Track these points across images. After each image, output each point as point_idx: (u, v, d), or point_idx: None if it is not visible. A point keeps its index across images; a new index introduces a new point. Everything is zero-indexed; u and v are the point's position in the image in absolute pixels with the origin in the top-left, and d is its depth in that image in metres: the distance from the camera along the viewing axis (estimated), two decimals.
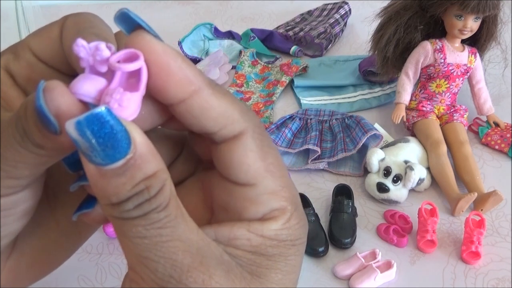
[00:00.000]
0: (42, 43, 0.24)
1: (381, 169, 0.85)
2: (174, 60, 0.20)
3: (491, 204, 0.81)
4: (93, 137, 0.18)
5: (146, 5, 1.43)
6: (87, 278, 0.73)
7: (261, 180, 0.22)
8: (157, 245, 0.20)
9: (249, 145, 0.22)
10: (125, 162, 0.19)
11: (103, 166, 0.18)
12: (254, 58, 1.18)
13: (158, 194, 0.19)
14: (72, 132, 0.18)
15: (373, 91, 1.09)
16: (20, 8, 1.33)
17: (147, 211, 0.19)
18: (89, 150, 0.18)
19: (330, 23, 1.25)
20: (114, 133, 0.18)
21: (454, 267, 0.75)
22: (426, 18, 0.93)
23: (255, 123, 0.22)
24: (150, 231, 0.20)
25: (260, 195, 0.22)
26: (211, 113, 0.21)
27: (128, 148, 0.19)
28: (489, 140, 0.95)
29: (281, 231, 0.22)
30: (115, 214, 0.20)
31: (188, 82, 0.20)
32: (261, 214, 0.22)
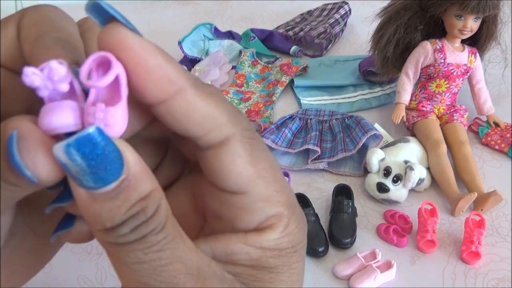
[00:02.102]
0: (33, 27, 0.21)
1: (381, 169, 0.85)
2: (153, 57, 0.18)
3: (491, 204, 0.81)
4: (84, 160, 0.16)
5: (146, 5, 1.43)
6: (87, 278, 0.73)
7: (253, 187, 0.20)
8: (156, 270, 0.18)
9: (238, 151, 0.20)
10: (118, 184, 0.17)
11: (95, 190, 0.17)
12: (254, 58, 1.18)
13: (154, 215, 0.18)
14: (61, 157, 0.16)
15: (373, 91, 1.09)
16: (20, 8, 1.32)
17: (144, 233, 0.18)
18: (79, 174, 0.17)
19: (330, 23, 1.25)
20: (106, 154, 0.17)
21: (454, 267, 0.75)
22: (426, 18, 0.93)
23: (244, 126, 0.20)
24: (148, 255, 0.18)
25: (253, 203, 0.21)
26: (195, 116, 0.19)
27: (121, 169, 0.17)
28: (489, 140, 0.95)
29: (281, 239, 0.21)
30: (109, 240, 0.18)
31: (168, 81, 0.18)
32: (257, 223, 0.21)
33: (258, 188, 0.20)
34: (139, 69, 0.18)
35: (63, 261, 0.74)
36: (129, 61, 0.17)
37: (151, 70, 0.18)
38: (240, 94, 1.11)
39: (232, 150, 0.20)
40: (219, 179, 0.20)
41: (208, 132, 0.19)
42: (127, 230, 0.18)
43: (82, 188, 0.17)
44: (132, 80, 0.18)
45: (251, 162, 0.20)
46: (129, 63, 0.17)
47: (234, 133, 0.20)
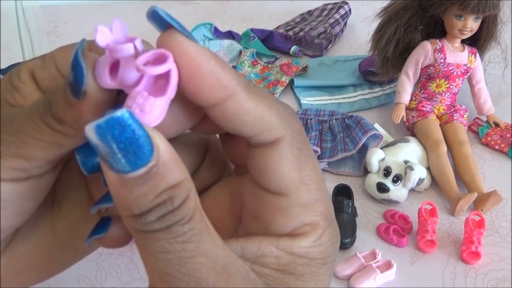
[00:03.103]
0: (66, 58, 0.23)
1: (381, 169, 0.85)
2: (207, 63, 0.19)
3: (491, 204, 0.81)
4: (114, 141, 0.17)
5: (146, 5, 1.43)
6: (87, 278, 0.73)
7: (294, 192, 0.21)
8: (181, 261, 0.18)
9: (285, 154, 0.21)
10: (147, 170, 0.17)
11: (124, 173, 0.17)
12: (254, 58, 1.18)
13: (182, 206, 0.18)
14: (92, 136, 0.17)
15: (373, 91, 1.09)
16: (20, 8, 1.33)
17: (170, 223, 0.18)
18: (109, 156, 0.17)
19: (330, 23, 1.25)
20: (136, 138, 0.17)
21: (454, 267, 0.75)
22: (426, 18, 0.93)
23: (295, 130, 0.21)
24: (173, 246, 0.18)
25: (292, 207, 0.21)
26: (247, 118, 0.20)
27: (150, 155, 0.17)
28: (489, 140, 0.95)
29: (312, 248, 0.21)
30: (137, 227, 0.18)
31: (221, 86, 0.19)
32: (291, 228, 0.21)
33: (299, 193, 0.21)
34: (193, 74, 0.18)
35: None
36: (184, 66, 0.18)
37: (205, 75, 0.18)
38: None
39: (280, 152, 0.21)
40: (263, 178, 0.21)
41: (259, 133, 0.20)
42: (153, 218, 0.18)
43: (112, 172, 0.18)
44: (187, 85, 0.19)
45: (296, 167, 0.21)
46: (184, 68, 0.18)
47: (284, 135, 0.20)
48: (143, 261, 0.19)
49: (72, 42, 0.26)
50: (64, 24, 1.33)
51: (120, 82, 0.18)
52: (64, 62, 0.23)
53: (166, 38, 0.19)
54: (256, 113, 0.20)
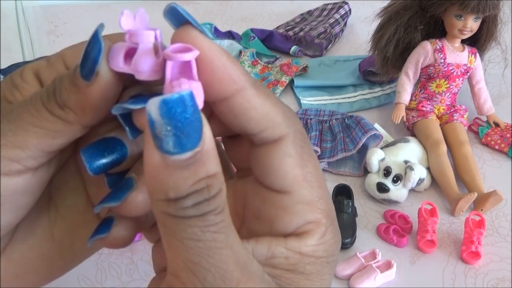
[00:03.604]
0: (76, 56, 0.23)
1: (381, 169, 0.85)
2: (219, 58, 0.19)
3: (491, 204, 0.81)
4: (174, 119, 0.17)
5: (146, 5, 1.43)
6: (87, 278, 0.73)
7: (297, 189, 0.21)
8: (210, 251, 0.18)
9: (289, 151, 0.21)
10: (192, 154, 0.18)
11: (171, 155, 0.17)
12: (254, 58, 1.18)
13: (217, 196, 0.19)
14: (153, 111, 0.17)
15: (373, 91, 1.09)
16: (20, 8, 1.33)
17: (205, 211, 0.18)
18: (163, 135, 0.17)
19: (330, 23, 1.25)
20: (192, 120, 0.17)
21: (454, 267, 0.75)
22: (426, 18, 0.93)
23: (298, 129, 0.22)
24: (205, 234, 0.18)
25: (295, 204, 0.21)
26: (253, 113, 0.20)
27: (198, 140, 0.18)
28: (489, 140, 0.95)
29: (318, 246, 0.21)
30: (169, 211, 0.18)
31: (231, 80, 0.20)
32: (295, 226, 0.21)
33: (302, 190, 0.21)
34: (206, 68, 0.19)
35: None
36: (202, 61, 0.19)
37: (216, 69, 0.19)
38: None
39: (284, 149, 0.21)
40: (267, 176, 0.22)
41: (264, 129, 0.21)
42: (189, 204, 0.18)
43: (158, 152, 0.18)
44: (201, 78, 0.19)
45: (299, 164, 0.21)
46: (201, 62, 0.19)
47: (287, 133, 0.21)
48: (168, 248, 0.19)
49: (72, 42, 0.26)
50: (64, 24, 1.33)
51: (134, 67, 0.19)
52: (74, 59, 0.23)
53: (182, 32, 0.20)
54: (262, 110, 0.20)
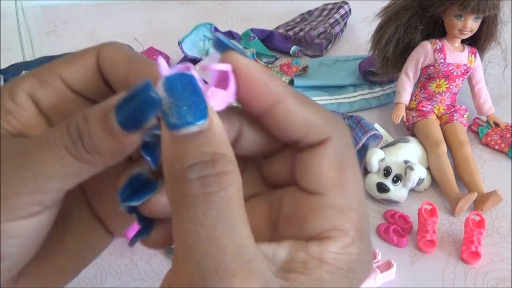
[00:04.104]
0: (75, 72, 0.24)
1: (381, 169, 0.85)
2: (257, 73, 0.21)
3: (491, 204, 0.81)
4: (175, 92, 0.19)
5: (146, 5, 1.43)
6: (87, 278, 0.73)
7: (330, 192, 0.22)
8: (208, 238, 0.19)
9: (328, 153, 0.22)
10: (198, 129, 0.19)
11: (178, 128, 0.19)
12: (254, 58, 1.18)
13: (223, 175, 0.19)
14: (160, 90, 0.19)
15: (373, 91, 1.09)
16: (20, 8, 1.32)
17: (209, 190, 0.19)
18: (168, 108, 0.19)
19: (330, 23, 1.25)
20: (193, 97, 0.19)
21: (454, 267, 0.75)
22: (426, 18, 0.93)
23: (342, 134, 0.22)
24: (207, 219, 0.19)
25: (325, 207, 0.21)
26: (295, 121, 0.21)
27: (203, 118, 0.19)
28: (489, 140, 0.95)
29: (339, 255, 0.21)
30: (176, 187, 0.19)
31: (269, 92, 0.21)
32: (321, 229, 0.21)
33: (335, 195, 0.22)
34: (245, 82, 0.21)
35: None
36: (239, 75, 0.21)
37: (256, 83, 0.21)
38: None
39: (323, 151, 0.22)
40: (303, 176, 0.22)
41: (306, 135, 0.22)
42: (194, 176, 0.19)
43: (167, 131, 0.19)
44: (242, 93, 0.22)
45: (337, 168, 0.22)
46: (240, 78, 0.21)
47: (330, 137, 0.22)
48: (174, 231, 0.20)
49: (72, 42, 0.26)
50: (64, 24, 1.33)
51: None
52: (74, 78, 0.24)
53: (227, 56, 0.22)
54: (303, 117, 0.21)
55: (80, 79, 0.24)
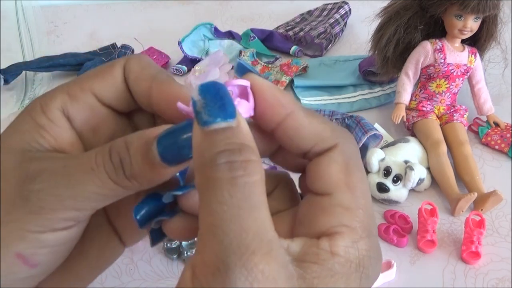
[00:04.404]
0: (106, 86, 0.26)
1: (381, 169, 0.85)
2: (270, 89, 0.24)
3: (491, 204, 0.81)
4: (208, 95, 0.22)
5: (146, 5, 1.43)
6: None
7: (338, 192, 0.23)
8: (233, 218, 0.20)
9: (336, 157, 0.24)
10: (226, 125, 0.21)
11: (209, 124, 0.21)
12: (254, 58, 1.18)
13: (249, 163, 0.21)
14: (195, 94, 0.22)
15: (373, 91, 1.09)
16: (20, 8, 1.32)
17: (236, 174, 0.20)
18: (200, 108, 0.22)
19: (330, 23, 1.25)
20: (223, 99, 0.22)
21: (454, 267, 0.75)
22: (426, 18, 0.93)
23: (348, 142, 0.24)
24: (232, 199, 0.20)
25: (334, 206, 0.23)
26: (304, 132, 0.24)
27: (231, 117, 0.22)
28: (489, 140, 0.95)
29: (349, 249, 0.22)
30: (205, 171, 0.21)
31: (281, 106, 0.24)
32: (328, 225, 0.23)
33: (342, 195, 0.23)
34: (260, 97, 0.24)
35: None
36: (257, 91, 0.24)
37: (268, 97, 0.24)
38: None
39: (331, 156, 0.24)
40: (313, 180, 0.24)
41: (315, 144, 0.24)
42: (222, 160, 0.21)
43: (199, 128, 0.21)
44: (257, 109, 0.24)
45: (345, 171, 0.24)
46: (257, 93, 0.24)
47: (336, 144, 0.24)
48: (200, 213, 0.21)
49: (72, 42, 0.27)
50: (64, 24, 1.32)
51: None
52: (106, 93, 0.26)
53: (247, 75, 0.25)
54: (312, 127, 0.24)
55: (110, 93, 0.26)
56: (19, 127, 0.24)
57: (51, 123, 0.24)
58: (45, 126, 0.24)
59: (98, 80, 0.26)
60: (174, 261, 0.75)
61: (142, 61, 0.27)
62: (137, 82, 0.26)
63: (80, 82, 0.25)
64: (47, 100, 0.25)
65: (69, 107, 0.25)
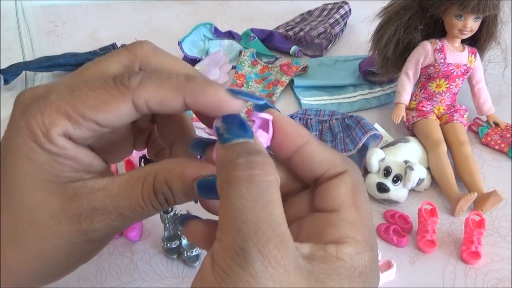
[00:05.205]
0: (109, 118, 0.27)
1: (381, 169, 0.85)
2: (289, 121, 0.28)
3: (491, 204, 0.81)
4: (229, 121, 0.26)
5: (146, 5, 1.43)
6: (87, 278, 0.73)
7: (345, 209, 0.26)
8: (250, 209, 0.22)
9: (345, 180, 0.27)
10: (243, 141, 0.25)
11: (230, 141, 0.25)
12: (254, 58, 1.18)
13: (265, 163, 0.24)
14: (218, 123, 0.26)
15: (373, 91, 1.09)
16: (20, 8, 1.32)
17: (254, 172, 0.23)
18: (223, 131, 0.26)
19: (330, 23, 1.25)
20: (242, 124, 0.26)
21: (454, 267, 0.75)
22: (426, 18, 0.93)
23: (356, 170, 0.28)
24: (250, 194, 0.23)
25: (340, 220, 0.26)
26: (318, 158, 0.27)
27: (250, 136, 0.25)
28: (489, 140, 0.95)
29: (353, 257, 0.25)
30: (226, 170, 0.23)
31: (299, 136, 0.27)
32: (336, 237, 0.25)
33: (348, 211, 0.26)
34: (281, 129, 0.28)
35: None
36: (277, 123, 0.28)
37: (288, 129, 0.28)
38: None
39: (341, 179, 0.27)
40: (323, 200, 0.27)
41: (327, 169, 0.27)
42: (241, 160, 0.23)
43: (221, 146, 0.25)
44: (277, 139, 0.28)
45: (351, 193, 0.26)
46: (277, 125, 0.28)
47: (346, 170, 0.27)
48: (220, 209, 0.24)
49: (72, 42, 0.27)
50: (64, 24, 1.33)
51: None
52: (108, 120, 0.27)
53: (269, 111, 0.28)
54: (324, 155, 0.27)
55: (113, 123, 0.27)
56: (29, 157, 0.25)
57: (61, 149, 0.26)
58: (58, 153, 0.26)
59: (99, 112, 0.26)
60: (174, 261, 0.75)
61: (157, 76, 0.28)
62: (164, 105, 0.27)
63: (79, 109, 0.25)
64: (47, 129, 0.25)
65: (72, 133, 0.26)
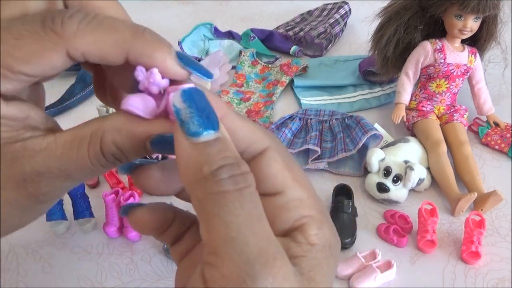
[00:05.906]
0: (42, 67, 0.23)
1: (381, 169, 0.85)
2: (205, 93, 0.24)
3: (491, 204, 0.81)
4: (194, 102, 0.21)
5: (146, 5, 1.43)
6: (87, 278, 0.73)
7: (289, 188, 0.24)
8: (248, 227, 0.20)
9: (275, 157, 0.24)
10: (216, 136, 0.21)
11: (198, 135, 0.21)
12: (254, 58, 1.18)
13: (248, 174, 0.21)
14: (177, 101, 0.21)
15: (373, 91, 1.09)
16: None
17: (241, 186, 0.21)
18: (187, 117, 0.21)
19: (330, 23, 1.25)
20: (210, 107, 0.22)
21: (454, 267, 0.75)
22: (426, 18, 0.93)
23: (277, 141, 0.25)
24: (244, 209, 0.20)
25: (290, 201, 0.24)
26: (239, 132, 0.24)
27: (217, 125, 0.21)
28: (489, 140, 0.95)
29: (319, 236, 0.24)
30: (209, 187, 0.20)
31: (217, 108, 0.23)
32: (292, 220, 0.24)
33: (293, 189, 0.24)
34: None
35: (63, 261, 0.75)
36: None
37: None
38: (240, 94, 1.11)
39: (270, 156, 0.24)
40: (260, 183, 0.24)
41: (250, 144, 0.24)
42: (225, 175, 0.21)
43: (186, 138, 0.21)
44: None
45: (286, 167, 0.25)
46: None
47: (270, 144, 0.25)
48: (207, 227, 0.21)
49: None
50: None
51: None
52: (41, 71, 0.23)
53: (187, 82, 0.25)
54: (246, 128, 0.24)
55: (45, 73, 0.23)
56: None
57: None
58: None
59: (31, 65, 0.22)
60: (174, 261, 0.75)
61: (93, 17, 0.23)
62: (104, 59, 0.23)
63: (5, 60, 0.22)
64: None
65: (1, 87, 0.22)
